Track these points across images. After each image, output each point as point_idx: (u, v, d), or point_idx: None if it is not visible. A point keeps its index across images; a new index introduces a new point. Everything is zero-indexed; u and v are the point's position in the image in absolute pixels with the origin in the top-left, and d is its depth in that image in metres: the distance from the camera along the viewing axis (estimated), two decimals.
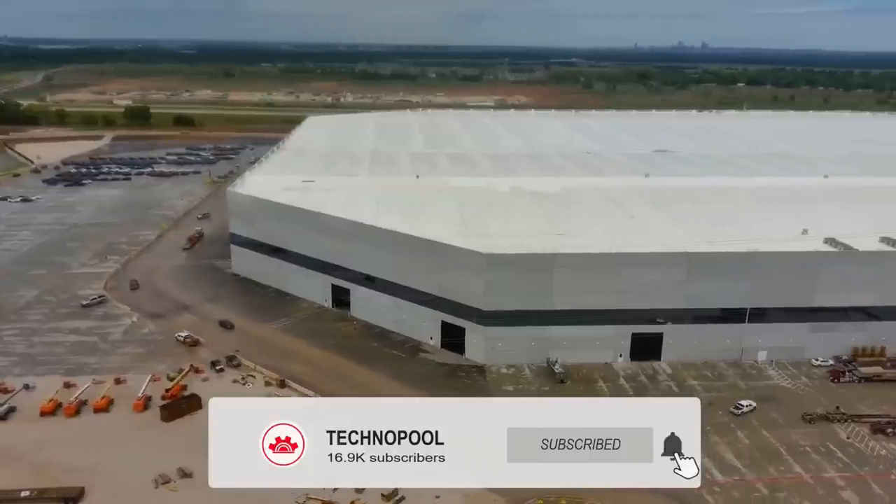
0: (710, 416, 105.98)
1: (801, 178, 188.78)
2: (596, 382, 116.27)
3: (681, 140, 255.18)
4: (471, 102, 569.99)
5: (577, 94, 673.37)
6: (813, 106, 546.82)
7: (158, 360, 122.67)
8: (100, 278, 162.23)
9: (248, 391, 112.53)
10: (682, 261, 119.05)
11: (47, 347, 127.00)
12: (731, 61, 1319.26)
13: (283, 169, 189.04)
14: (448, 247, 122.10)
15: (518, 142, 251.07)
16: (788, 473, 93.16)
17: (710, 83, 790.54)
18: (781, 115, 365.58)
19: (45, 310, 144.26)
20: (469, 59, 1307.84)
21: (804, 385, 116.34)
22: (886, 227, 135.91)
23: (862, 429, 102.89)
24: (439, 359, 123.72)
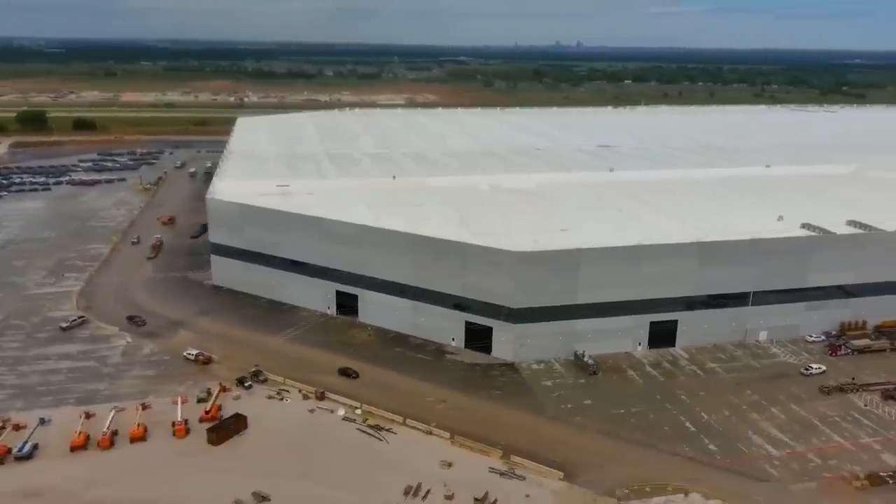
0: (739, 395, 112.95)
1: (748, 168, 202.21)
2: (625, 372, 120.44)
3: (615, 135, 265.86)
4: (380, 101, 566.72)
5: (480, 91, 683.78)
6: (699, 101, 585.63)
7: (175, 380, 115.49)
8: (67, 298, 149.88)
9: (287, 406, 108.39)
10: (695, 250, 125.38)
11: (42, 376, 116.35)
12: (606, 59, 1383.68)
13: (247, 174, 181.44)
14: (475, 247, 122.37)
15: (465, 140, 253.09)
16: (830, 442, 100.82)
17: (599, 80, 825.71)
18: (689, 111, 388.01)
19: (20, 335, 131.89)
20: (358, 56, 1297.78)
21: (807, 360, 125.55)
22: (847, 211, 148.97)
23: (873, 396, 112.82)
24: (467, 359, 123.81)
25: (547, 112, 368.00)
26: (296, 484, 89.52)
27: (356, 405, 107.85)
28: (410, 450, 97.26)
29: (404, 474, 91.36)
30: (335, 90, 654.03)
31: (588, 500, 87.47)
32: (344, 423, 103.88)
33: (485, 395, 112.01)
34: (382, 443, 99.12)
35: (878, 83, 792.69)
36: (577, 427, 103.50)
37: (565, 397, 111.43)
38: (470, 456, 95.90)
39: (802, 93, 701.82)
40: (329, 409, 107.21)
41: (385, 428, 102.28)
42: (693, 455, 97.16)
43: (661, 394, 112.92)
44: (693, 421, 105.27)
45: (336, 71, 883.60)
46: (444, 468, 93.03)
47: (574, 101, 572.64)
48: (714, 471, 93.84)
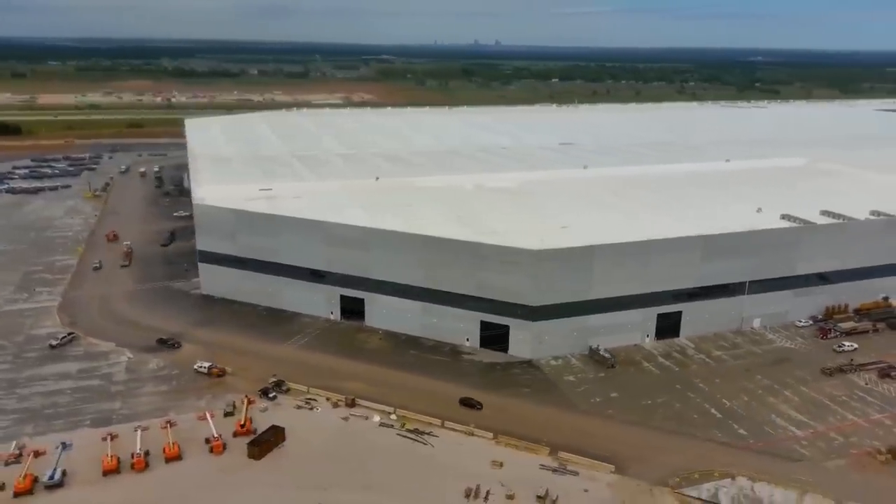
0: (751, 380, 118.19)
1: (710, 163, 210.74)
2: (640, 364, 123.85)
3: (572, 133, 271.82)
4: (316, 101, 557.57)
5: (414, 90, 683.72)
6: (627, 98, 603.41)
7: (193, 395, 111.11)
8: (46, 313, 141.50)
9: (318, 416, 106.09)
10: (699, 243, 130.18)
11: (46, 398, 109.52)
12: (524, 57, 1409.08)
13: (223, 179, 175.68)
14: (492, 247, 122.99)
15: (428, 139, 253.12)
16: (845, 420, 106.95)
17: (527, 79, 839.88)
18: (628, 108, 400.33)
19: (6, 356, 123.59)
20: (278, 55, 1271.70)
21: (802, 344, 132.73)
22: (813, 202, 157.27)
23: (871, 375, 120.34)
24: (485, 359, 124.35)
25: (497, 111, 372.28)
26: (354, 495, 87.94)
27: (390, 410, 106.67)
28: (457, 452, 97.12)
29: (458, 477, 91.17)
30: (266, 89, 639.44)
31: (643, 491, 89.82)
32: (382, 430, 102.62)
33: (514, 394, 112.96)
34: (427, 447, 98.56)
35: (785, 79, 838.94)
36: (611, 420, 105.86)
37: (592, 391, 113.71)
38: (517, 455, 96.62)
39: (718, 89, 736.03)
40: (363, 416, 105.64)
41: (425, 432, 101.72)
42: (726, 440, 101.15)
43: (679, 383, 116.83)
44: (717, 407, 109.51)
45: (261, 70, 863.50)
46: (496, 468, 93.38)
47: (510, 99, 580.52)
48: (750, 454, 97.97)
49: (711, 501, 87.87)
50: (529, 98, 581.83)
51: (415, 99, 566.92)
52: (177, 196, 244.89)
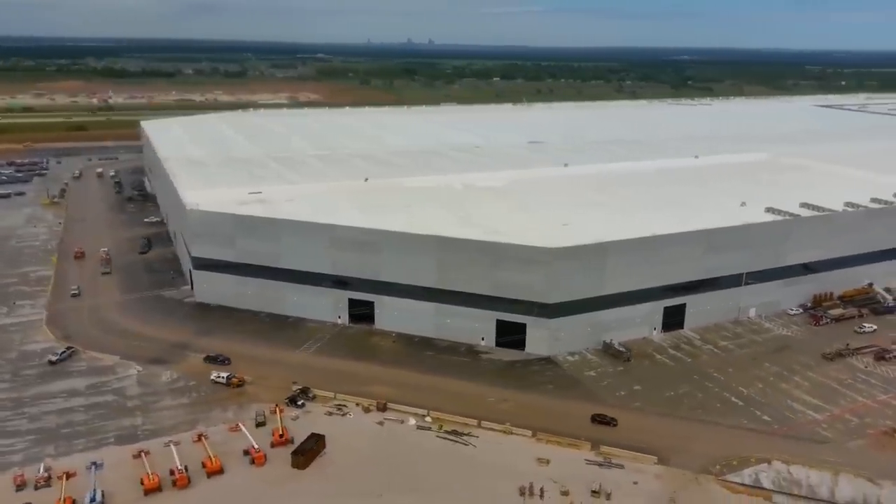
0: (760, 368, 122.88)
1: (680, 159, 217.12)
2: (653, 357, 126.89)
3: (537, 131, 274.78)
4: (261, 101, 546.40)
5: (360, 90, 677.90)
6: (570, 97, 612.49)
7: (217, 406, 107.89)
8: (35, 328, 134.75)
9: (353, 421, 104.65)
10: (702, 237, 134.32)
11: (60, 417, 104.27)
12: (459, 56, 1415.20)
13: (206, 183, 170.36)
14: (509, 245, 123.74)
15: (400, 139, 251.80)
16: (856, 402, 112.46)
17: (467, 77, 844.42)
18: (583, 106, 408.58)
19: (3, 374, 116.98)
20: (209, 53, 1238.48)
21: (797, 331, 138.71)
22: (787, 195, 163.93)
23: (867, 359, 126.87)
24: (503, 357, 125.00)
25: (455, 110, 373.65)
26: (407, 500, 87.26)
27: (423, 413, 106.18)
28: (500, 451, 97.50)
29: (506, 476, 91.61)
30: (206, 89, 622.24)
31: (689, 480, 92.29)
32: (420, 432, 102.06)
33: (540, 390, 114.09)
34: (469, 447, 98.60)
35: (715, 77, 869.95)
36: (640, 412, 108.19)
37: (614, 385, 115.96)
38: (561, 451, 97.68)
39: (654, 88, 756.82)
40: (398, 420, 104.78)
41: (463, 433, 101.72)
42: (753, 427, 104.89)
43: (695, 374, 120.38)
44: (736, 395, 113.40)
45: (196, 69, 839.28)
46: (543, 465, 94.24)
47: (457, 98, 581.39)
48: (777, 439, 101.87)
49: (755, 486, 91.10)
50: (475, 97, 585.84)
51: (362, 98, 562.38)
52: (141, 201, 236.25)
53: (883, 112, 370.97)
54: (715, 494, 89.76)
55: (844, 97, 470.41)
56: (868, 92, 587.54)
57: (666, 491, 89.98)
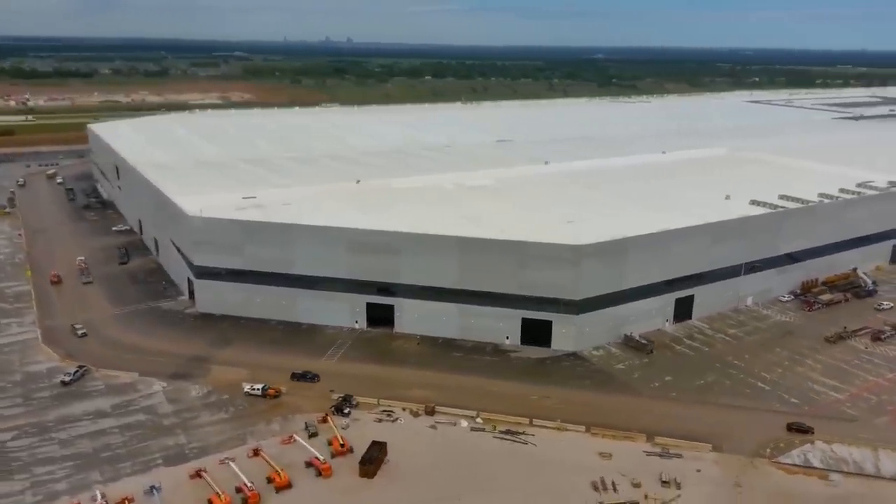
0: (772, 353, 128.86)
1: (648, 155, 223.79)
2: (672, 347, 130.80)
3: (499, 129, 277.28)
4: (192, 101, 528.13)
5: (292, 88, 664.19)
6: (504, 96, 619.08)
7: (260, 419, 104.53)
8: (31, 347, 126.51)
9: (405, 426, 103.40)
10: (709, 230, 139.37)
11: (93, 441, 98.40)
12: (377, 55, 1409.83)
13: (191, 189, 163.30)
14: (535, 244, 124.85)
15: (366, 140, 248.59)
16: (868, 381, 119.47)
17: (399, 76, 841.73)
18: (528, 104, 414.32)
19: (13, 398, 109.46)
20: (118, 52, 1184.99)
21: (794, 317, 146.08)
22: (766, 187, 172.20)
23: (865, 340, 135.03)
24: (532, 355, 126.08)
25: (407, 109, 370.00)
26: (486, 500, 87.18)
27: (472, 414, 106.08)
28: (559, 448, 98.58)
29: (575, 472, 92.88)
30: (130, 89, 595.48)
31: (746, 465, 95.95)
32: (475, 434, 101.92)
33: (577, 385, 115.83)
34: (529, 446, 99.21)
35: (637, 75, 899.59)
36: (678, 402, 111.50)
37: (646, 377, 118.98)
38: (619, 444, 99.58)
39: (582, 86, 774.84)
40: (451, 423, 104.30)
41: (519, 432, 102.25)
42: (785, 409, 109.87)
43: (716, 362, 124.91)
44: (761, 380, 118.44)
45: (113, 69, 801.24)
46: (606, 459, 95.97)
47: (395, 97, 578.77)
48: (810, 419, 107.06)
49: (807, 466, 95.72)
50: (413, 96, 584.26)
51: (296, 98, 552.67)
52: (100, 209, 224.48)
53: (807, 107, 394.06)
54: (774, 477, 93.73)
55: (770, 93, 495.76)
56: (777, 88, 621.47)
57: (728, 476, 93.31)
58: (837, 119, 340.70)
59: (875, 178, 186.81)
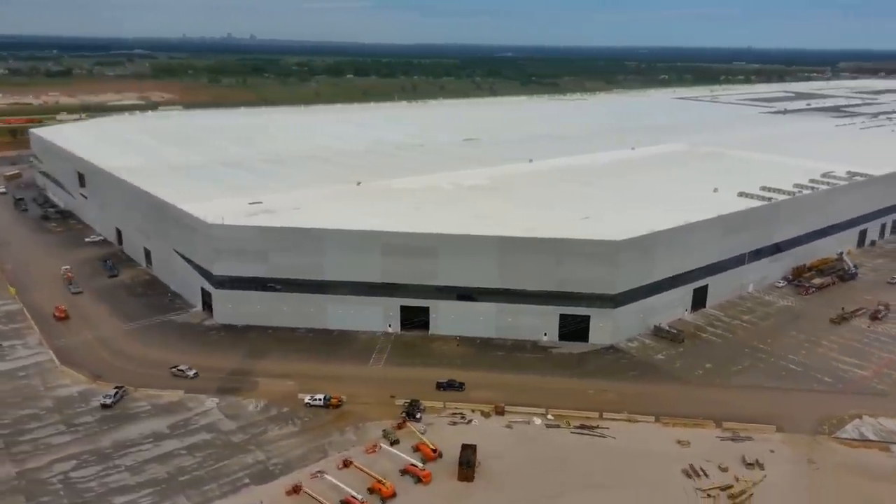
0: (789, 336, 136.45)
1: (620, 151, 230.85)
2: (698, 336, 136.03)
3: (459, 128, 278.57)
4: (111, 102, 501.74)
5: (214, 88, 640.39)
6: (433, 94, 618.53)
7: (332, 428, 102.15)
8: (49, 371, 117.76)
9: (481, 427, 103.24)
10: (720, 223, 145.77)
11: (165, 465, 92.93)
12: (283, 52, 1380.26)
13: (183, 196, 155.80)
14: (573, 241, 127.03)
15: (331, 140, 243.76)
16: (882, 358, 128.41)
17: (320, 75, 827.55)
18: (472, 103, 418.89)
19: (53, 424, 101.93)
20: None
21: (794, 301, 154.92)
22: (741, 180, 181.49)
23: (865, 319, 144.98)
24: (572, 350, 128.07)
25: (354, 108, 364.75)
26: (588, 495, 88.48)
27: (541, 412, 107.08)
28: (637, 439, 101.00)
29: (662, 461, 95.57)
30: (38, 90, 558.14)
31: (811, 443, 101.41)
32: (552, 431, 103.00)
33: (627, 378, 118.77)
34: (607, 439, 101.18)
35: (554, 73, 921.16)
36: (725, 388, 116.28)
37: (687, 366, 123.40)
38: (689, 431, 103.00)
39: (505, 84, 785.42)
40: (524, 421, 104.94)
41: (593, 426, 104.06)
42: (822, 388, 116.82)
43: (745, 347, 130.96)
44: (791, 362, 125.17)
45: (10, 68, 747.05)
46: (685, 447, 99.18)
47: (326, 96, 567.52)
48: (847, 396, 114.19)
49: (864, 439, 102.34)
50: (344, 95, 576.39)
51: (220, 97, 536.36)
52: (61, 219, 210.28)
53: (732, 103, 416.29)
54: (839, 452, 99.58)
55: (688, 90, 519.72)
56: (686, 85, 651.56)
57: (799, 455, 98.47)
58: (765, 114, 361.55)
59: (835, 169, 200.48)
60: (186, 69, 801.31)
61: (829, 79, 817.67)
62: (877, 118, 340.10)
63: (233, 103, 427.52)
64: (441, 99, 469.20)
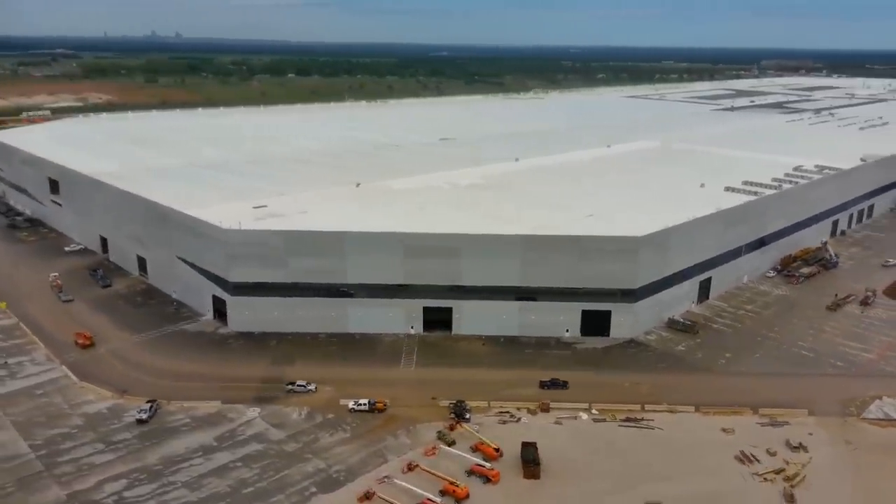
0: (793, 323, 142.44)
1: (597, 149, 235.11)
2: (710, 327, 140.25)
3: (433, 128, 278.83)
4: (46, 103, 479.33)
5: (151, 88, 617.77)
6: (382, 94, 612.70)
7: (385, 433, 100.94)
8: (68, 386, 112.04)
9: (531, 425, 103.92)
10: (723, 217, 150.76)
11: (222, 478, 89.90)
12: (209, 50, 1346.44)
13: (180, 201, 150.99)
14: (595, 238, 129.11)
15: (310, 142, 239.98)
16: (882, 342, 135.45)
17: (260, 74, 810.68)
18: (433, 102, 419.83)
19: (92, 442, 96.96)
20: None
21: (787, 290, 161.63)
22: (721, 175, 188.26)
23: (856, 305, 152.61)
24: (595, 345, 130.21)
25: (313, 109, 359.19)
26: (655, 486, 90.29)
27: (584, 406, 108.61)
28: (684, 429, 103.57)
29: (714, 449, 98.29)
30: None
31: (841, 424, 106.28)
32: (600, 425, 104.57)
33: (657, 370, 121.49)
34: (656, 430, 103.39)
35: (496, 72, 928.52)
36: (749, 376, 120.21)
37: (709, 356, 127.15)
38: (730, 419, 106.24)
39: (451, 83, 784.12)
40: (572, 417, 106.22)
41: (638, 418, 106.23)
42: (837, 372, 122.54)
43: (756, 336, 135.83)
44: (802, 349, 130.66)
45: None
46: (730, 434, 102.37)
47: (273, 97, 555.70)
48: (861, 378, 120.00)
49: (889, 419, 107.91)
50: (292, 94, 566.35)
51: (165, 98, 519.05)
52: (30, 227, 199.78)
53: (680, 101, 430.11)
54: (870, 432, 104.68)
55: (640, 88, 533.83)
56: (622, 84, 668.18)
57: (835, 436, 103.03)
58: (716, 111, 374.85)
59: (804, 163, 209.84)
60: (118, 69, 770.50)
61: (756, 76, 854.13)
62: (820, 114, 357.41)
63: (176, 104, 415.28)
64: (397, 99, 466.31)
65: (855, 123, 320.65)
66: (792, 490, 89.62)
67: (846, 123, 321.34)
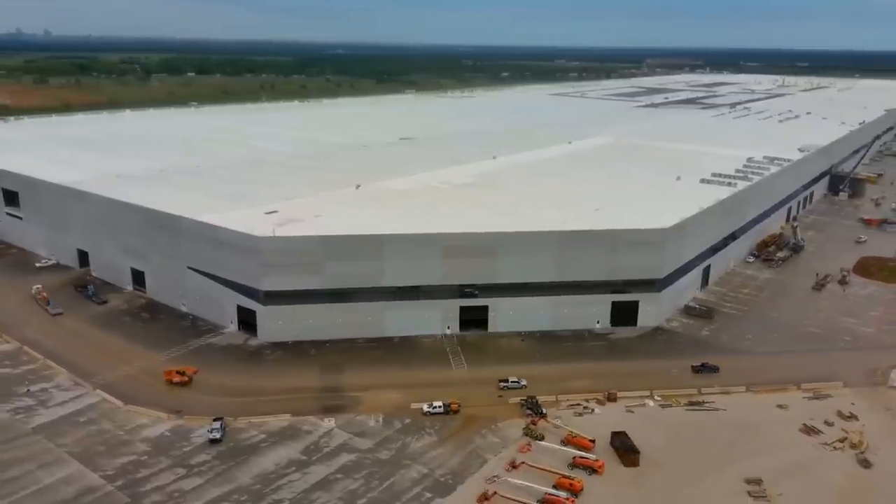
0: (792, 304, 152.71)
1: (559, 146, 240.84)
2: (720, 311, 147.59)
3: (389, 128, 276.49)
4: None
5: (45, 90, 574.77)
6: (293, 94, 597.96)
7: (472, 433, 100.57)
8: (111, 410, 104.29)
9: (606, 415, 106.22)
10: (720, 207, 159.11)
11: (330, 492, 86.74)
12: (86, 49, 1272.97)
13: (181, 207, 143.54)
14: (625, 231, 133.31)
15: (273, 144, 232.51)
16: (874, 316, 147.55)
17: (160, 73, 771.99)
18: (367, 101, 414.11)
19: (173, 468, 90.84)
20: None
21: (771, 273, 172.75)
22: (688, 168, 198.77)
23: (835, 285, 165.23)
24: (627, 334, 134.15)
25: (247, 109, 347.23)
26: (750, 463, 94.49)
27: (646, 394, 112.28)
28: (745, 409, 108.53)
29: (778, 425, 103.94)
30: None
31: (873, 392, 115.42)
32: (669, 410, 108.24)
33: (692, 355, 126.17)
34: (720, 412, 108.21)
35: (406, 71, 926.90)
36: (777, 355, 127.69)
37: (733, 339, 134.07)
38: (779, 396, 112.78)
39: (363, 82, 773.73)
40: (640, 404, 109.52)
41: (699, 401, 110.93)
42: (847, 347, 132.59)
43: (765, 318, 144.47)
44: (809, 327, 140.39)
45: None
46: (786, 410, 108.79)
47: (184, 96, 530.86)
48: (869, 350, 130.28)
49: None
50: (204, 95, 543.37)
51: (63, 99, 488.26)
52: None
53: (602, 98, 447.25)
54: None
55: (562, 86, 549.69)
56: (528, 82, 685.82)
57: (875, 405, 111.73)
58: (639, 108, 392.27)
59: (754, 155, 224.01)
60: (12, 70, 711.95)
61: (645, 74, 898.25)
62: (736, 109, 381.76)
63: (81, 106, 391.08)
64: (316, 99, 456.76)
65: (772, 117, 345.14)
66: (864, 455, 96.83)
67: (764, 117, 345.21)
